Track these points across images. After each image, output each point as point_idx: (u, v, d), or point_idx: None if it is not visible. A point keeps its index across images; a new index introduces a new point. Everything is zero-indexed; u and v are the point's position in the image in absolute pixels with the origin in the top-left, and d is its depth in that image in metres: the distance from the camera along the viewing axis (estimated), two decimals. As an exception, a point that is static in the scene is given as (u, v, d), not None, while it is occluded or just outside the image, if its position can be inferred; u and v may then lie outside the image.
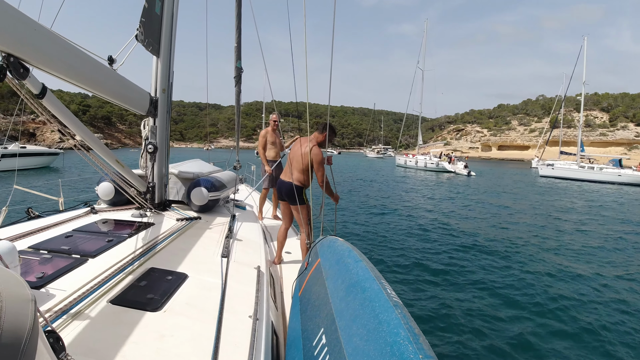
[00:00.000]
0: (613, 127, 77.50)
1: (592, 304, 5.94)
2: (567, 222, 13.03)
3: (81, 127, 3.00)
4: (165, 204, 4.28)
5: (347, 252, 2.37)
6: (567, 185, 29.81)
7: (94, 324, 1.80)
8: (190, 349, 1.71)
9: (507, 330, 4.99)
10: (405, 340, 1.34)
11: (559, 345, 4.71)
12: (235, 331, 1.90)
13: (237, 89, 4.92)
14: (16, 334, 0.55)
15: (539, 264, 7.91)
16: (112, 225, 3.47)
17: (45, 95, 2.66)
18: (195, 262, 2.76)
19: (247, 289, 2.46)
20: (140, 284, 2.25)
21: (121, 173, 3.67)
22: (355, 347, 1.54)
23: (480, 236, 10.26)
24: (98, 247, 2.75)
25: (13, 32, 2.14)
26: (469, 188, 24.12)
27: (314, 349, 1.85)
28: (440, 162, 42.24)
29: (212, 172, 5.12)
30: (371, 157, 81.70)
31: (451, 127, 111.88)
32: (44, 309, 1.82)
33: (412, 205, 15.79)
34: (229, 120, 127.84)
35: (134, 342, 1.68)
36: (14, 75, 2.29)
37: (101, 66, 2.99)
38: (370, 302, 1.68)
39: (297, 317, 2.41)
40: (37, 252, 2.60)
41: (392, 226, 11.30)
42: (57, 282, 2.15)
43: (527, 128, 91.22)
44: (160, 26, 3.83)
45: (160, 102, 4.01)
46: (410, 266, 7.44)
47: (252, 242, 3.62)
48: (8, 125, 54.21)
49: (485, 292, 6.30)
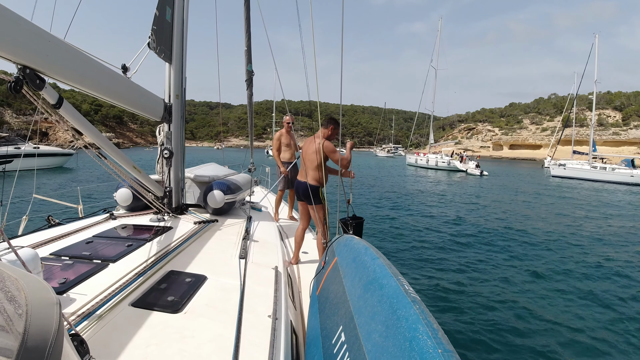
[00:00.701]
0: (626, 127, 75.99)
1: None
2: (580, 225, 12.86)
3: (97, 134, 3.07)
4: (182, 208, 4.36)
5: (363, 250, 2.38)
6: (579, 184, 29.40)
7: (116, 327, 1.84)
8: (211, 349, 1.73)
9: (524, 325, 5.11)
10: (424, 335, 1.34)
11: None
12: (254, 331, 1.93)
13: (248, 92, 4.98)
14: (42, 336, 0.57)
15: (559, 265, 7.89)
16: (131, 230, 3.54)
17: (62, 105, 2.72)
18: (214, 264, 2.81)
19: (265, 290, 2.49)
20: (160, 287, 2.30)
21: (138, 179, 3.74)
22: (375, 343, 1.54)
23: (499, 237, 10.29)
24: (118, 252, 2.81)
25: (28, 44, 2.20)
26: (482, 189, 23.90)
27: (333, 347, 1.87)
28: (452, 160, 41.88)
29: (227, 175, 5.19)
30: (381, 157, 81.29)
31: (462, 126, 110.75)
32: (68, 313, 1.86)
33: (426, 203, 15.78)
34: (239, 119, 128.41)
35: (156, 344, 1.73)
36: (31, 86, 2.36)
37: (115, 75, 3.05)
38: (388, 299, 1.68)
39: (315, 316, 2.43)
40: (59, 258, 2.66)
41: (406, 224, 11.42)
42: (79, 287, 2.21)
43: (539, 127, 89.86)
44: (172, 33, 3.90)
45: (174, 107, 4.09)
46: (427, 262, 7.61)
47: (268, 243, 3.66)
48: (21, 125, 54.91)
49: (504, 285, 6.44)
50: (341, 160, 3.97)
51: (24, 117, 61.16)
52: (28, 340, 0.54)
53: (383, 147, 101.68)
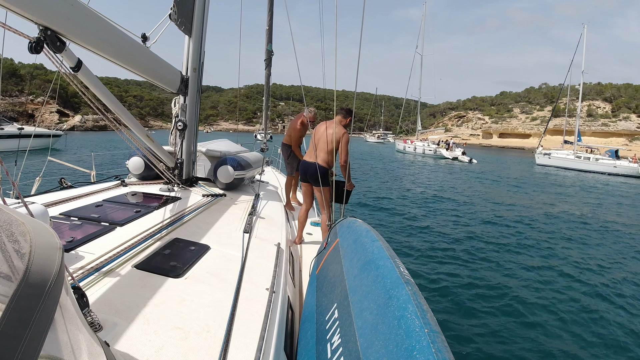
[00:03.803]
0: (615, 118, 76.94)
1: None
2: (555, 209, 13.35)
3: (115, 101, 3.07)
4: (192, 181, 4.39)
5: (364, 232, 2.41)
6: (564, 174, 30.05)
7: (118, 285, 1.88)
8: (208, 314, 1.77)
9: (508, 309, 5.31)
10: (412, 315, 1.37)
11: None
12: (252, 301, 1.97)
13: (267, 71, 4.97)
14: (43, 275, 0.58)
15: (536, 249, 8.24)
16: (140, 197, 3.58)
17: (81, 69, 2.71)
18: (218, 236, 2.85)
19: (266, 264, 2.53)
20: (164, 252, 2.34)
21: (151, 148, 3.78)
22: (365, 320, 1.59)
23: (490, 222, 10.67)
24: (126, 217, 2.85)
25: (50, 5, 2.21)
26: (471, 173, 24.29)
27: (326, 323, 1.90)
28: (438, 149, 42.41)
29: (239, 152, 5.19)
30: (371, 142, 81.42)
31: (453, 114, 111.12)
32: (72, 269, 1.89)
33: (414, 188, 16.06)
34: (229, 103, 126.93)
35: (155, 305, 1.76)
36: (51, 47, 2.36)
37: (135, 43, 3.04)
38: (382, 279, 1.71)
39: (312, 293, 2.47)
40: (68, 218, 2.69)
41: (398, 207, 11.73)
42: (86, 246, 2.25)
43: (529, 116, 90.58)
44: (193, 6, 3.88)
45: (190, 81, 4.09)
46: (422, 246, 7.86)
47: (274, 221, 3.70)
48: (7, 106, 53.63)
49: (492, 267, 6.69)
50: (343, 152, 4.13)
51: (10, 99, 59.82)
52: (29, 278, 0.56)
53: (373, 133, 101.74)
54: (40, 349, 0.55)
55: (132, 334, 1.53)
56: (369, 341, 1.46)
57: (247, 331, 1.70)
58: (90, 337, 0.84)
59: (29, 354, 0.52)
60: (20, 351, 0.51)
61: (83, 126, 65.30)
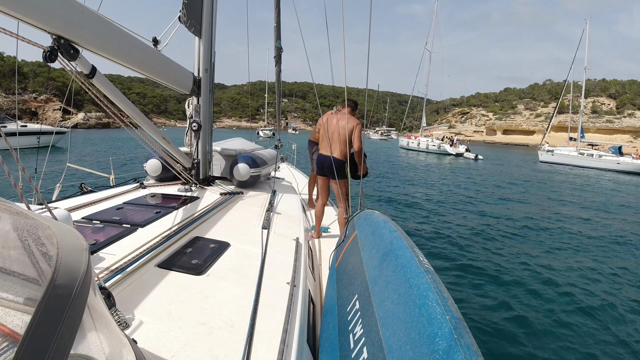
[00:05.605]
0: (620, 115, 76.47)
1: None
2: (555, 204, 13.41)
3: (130, 105, 3.11)
4: (209, 180, 4.47)
5: (382, 223, 2.41)
6: (567, 170, 29.93)
7: (142, 285, 1.94)
8: (231, 309, 1.82)
9: (524, 302, 5.38)
10: (434, 303, 1.38)
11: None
12: (273, 295, 2.00)
13: (277, 68, 4.99)
14: (71, 276, 0.59)
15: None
16: (159, 198, 3.65)
17: (95, 75, 2.74)
18: (237, 233, 2.90)
19: (285, 259, 2.57)
20: (185, 251, 2.40)
21: (168, 149, 3.84)
22: (386, 310, 1.61)
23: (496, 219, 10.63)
24: (147, 218, 2.91)
25: (62, 15, 2.24)
26: (476, 172, 24.23)
27: (347, 315, 1.93)
28: (442, 144, 42.22)
29: (254, 150, 5.26)
30: (375, 139, 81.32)
31: (456, 110, 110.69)
32: (97, 270, 1.94)
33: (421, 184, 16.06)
34: (232, 100, 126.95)
35: (180, 302, 1.81)
36: (65, 56, 2.40)
37: (146, 47, 3.08)
38: (402, 268, 1.73)
39: (333, 286, 2.50)
40: (90, 222, 2.76)
41: (409, 200, 11.72)
42: (109, 248, 2.30)
43: (533, 113, 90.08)
44: (202, 7, 3.92)
45: (203, 81, 4.14)
46: (440, 238, 8.10)
47: (291, 216, 3.75)
48: (10, 104, 53.81)
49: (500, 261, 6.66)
50: (357, 140, 4.12)
51: (13, 97, 59.94)
52: (57, 279, 0.57)
53: (377, 130, 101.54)
54: (70, 348, 0.57)
55: (158, 331, 1.58)
56: (391, 330, 1.48)
57: (270, 325, 1.73)
58: (119, 336, 0.86)
59: (59, 353, 0.54)
60: (52, 350, 0.53)
61: (86, 124, 65.41)
